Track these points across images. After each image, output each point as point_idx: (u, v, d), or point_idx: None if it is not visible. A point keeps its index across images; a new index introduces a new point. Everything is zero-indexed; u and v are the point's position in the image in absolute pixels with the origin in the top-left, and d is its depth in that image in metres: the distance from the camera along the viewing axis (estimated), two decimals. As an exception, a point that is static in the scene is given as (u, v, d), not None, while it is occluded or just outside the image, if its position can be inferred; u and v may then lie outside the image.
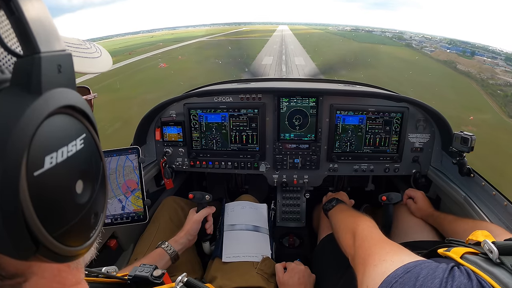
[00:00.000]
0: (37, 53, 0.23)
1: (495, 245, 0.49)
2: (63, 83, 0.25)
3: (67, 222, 0.25)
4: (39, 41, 0.23)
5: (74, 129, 0.26)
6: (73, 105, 0.26)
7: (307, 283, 1.16)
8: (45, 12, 0.25)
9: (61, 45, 0.26)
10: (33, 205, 0.21)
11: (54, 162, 0.23)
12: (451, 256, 0.54)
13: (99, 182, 0.29)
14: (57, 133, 0.24)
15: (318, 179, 1.63)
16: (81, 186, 0.26)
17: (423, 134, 1.50)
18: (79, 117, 0.27)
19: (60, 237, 0.24)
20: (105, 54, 0.51)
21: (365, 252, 0.67)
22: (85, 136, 0.28)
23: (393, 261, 0.54)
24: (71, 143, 0.25)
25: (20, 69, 0.23)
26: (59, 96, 0.24)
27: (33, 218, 0.21)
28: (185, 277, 0.58)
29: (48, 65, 0.24)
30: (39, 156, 0.22)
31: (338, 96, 1.49)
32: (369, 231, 0.78)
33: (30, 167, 0.21)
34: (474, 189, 1.25)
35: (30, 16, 0.23)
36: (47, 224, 0.23)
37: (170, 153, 1.60)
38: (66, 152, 0.25)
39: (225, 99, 1.51)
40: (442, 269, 0.47)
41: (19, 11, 0.23)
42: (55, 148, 0.24)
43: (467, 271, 0.47)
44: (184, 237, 1.18)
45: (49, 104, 0.23)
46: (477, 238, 0.56)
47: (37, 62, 0.23)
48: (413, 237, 1.21)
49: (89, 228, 0.28)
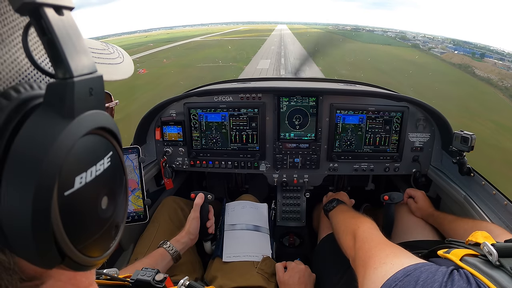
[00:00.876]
0: (70, 78, 0.23)
1: (494, 247, 0.49)
2: (94, 105, 0.26)
3: (91, 236, 0.26)
4: (72, 65, 0.23)
5: (102, 148, 0.27)
6: (102, 126, 0.27)
7: (308, 282, 1.16)
8: (76, 32, 0.25)
9: (91, 66, 0.26)
10: (62, 222, 0.22)
11: (84, 182, 0.24)
12: (451, 258, 0.54)
13: (122, 196, 0.31)
14: (87, 154, 0.25)
15: (318, 178, 1.63)
16: (106, 202, 0.28)
17: (423, 133, 1.50)
18: (107, 136, 0.28)
19: (84, 249, 0.25)
20: (127, 59, 0.50)
21: (366, 254, 0.67)
22: (112, 153, 0.28)
23: (393, 264, 0.54)
24: (99, 162, 0.26)
25: (53, 92, 0.23)
26: (90, 119, 0.25)
27: (61, 234, 0.23)
28: (187, 281, 0.58)
29: (80, 89, 0.24)
30: (70, 177, 0.23)
31: (338, 95, 1.49)
32: (370, 233, 0.78)
33: (61, 187, 0.22)
34: (474, 189, 1.25)
35: (63, 38, 0.23)
36: (73, 239, 0.24)
37: (170, 153, 1.60)
38: (95, 171, 0.26)
39: (225, 98, 1.51)
40: (441, 272, 0.47)
41: (51, 32, 0.22)
42: (85, 168, 0.25)
43: (466, 274, 0.47)
44: (185, 236, 1.18)
45: (80, 128, 0.24)
46: (476, 239, 0.56)
47: (70, 87, 0.23)
48: (413, 237, 1.21)
49: (110, 239, 0.29)
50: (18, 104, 0.23)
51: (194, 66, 21.35)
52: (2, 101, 0.23)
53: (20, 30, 0.25)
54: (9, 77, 0.24)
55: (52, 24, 0.22)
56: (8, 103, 0.23)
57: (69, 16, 0.25)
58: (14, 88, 0.24)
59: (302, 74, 8.11)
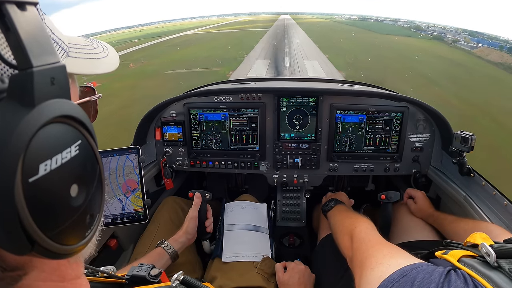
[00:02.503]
0: (29, 67, 0.24)
1: (492, 248, 0.48)
2: (57, 94, 0.26)
3: (61, 223, 0.26)
4: (32, 56, 0.24)
5: (68, 136, 0.28)
6: (66, 114, 0.27)
7: (307, 283, 1.16)
8: (39, 25, 0.26)
9: (53, 57, 0.27)
10: (28, 208, 0.23)
11: (49, 169, 0.25)
12: (448, 259, 0.54)
13: (94, 185, 0.31)
14: (51, 141, 0.26)
15: (318, 178, 1.63)
16: (76, 190, 0.28)
17: (423, 133, 1.50)
18: (74, 124, 0.28)
19: (55, 236, 0.26)
20: (112, 53, 0.51)
21: (363, 255, 0.66)
22: (81, 142, 0.29)
23: (390, 265, 0.53)
24: (65, 150, 0.27)
25: (14, 83, 0.24)
26: (51, 108, 0.26)
27: (28, 220, 0.23)
28: (181, 275, 0.58)
29: (40, 78, 0.25)
30: (34, 164, 0.24)
31: (338, 95, 1.49)
32: (367, 233, 0.78)
33: (25, 174, 0.23)
34: (474, 189, 1.25)
35: (24, 32, 0.24)
36: (42, 225, 0.24)
37: (170, 153, 1.60)
38: (61, 159, 0.26)
39: (225, 98, 1.51)
40: (438, 273, 0.47)
41: (13, 26, 0.24)
42: (49, 156, 0.25)
43: (463, 275, 0.47)
44: (183, 236, 1.18)
45: (41, 116, 0.24)
46: (475, 241, 0.55)
47: (29, 77, 0.24)
48: (413, 237, 1.21)
49: (84, 228, 0.29)
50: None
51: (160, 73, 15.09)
52: None
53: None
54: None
55: (13, 20, 0.24)
56: None
57: (32, 11, 0.26)
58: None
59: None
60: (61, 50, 0.39)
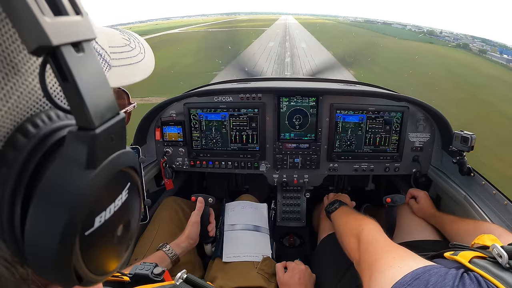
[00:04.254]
0: (91, 129, 0.22)
1: (504, 249, 0.48)
2: (115, 149, 0.25)
3: (107, 259, 0.28)
4: (93, 115, 0.22)
5: (121, 184, 0.27)
6: (123, 167, 0.27)
7: (308, 283, 1.16)
8: (98, 69, 0.24)
9: (113, 108, 0.25)
10: (81, 256, 0.24)
11: (103, 220, 0.25)
12: (459, 260, 0.53)
13: (136, 219, 0.31)
14: (107, 194, 0.25)
15: (318, 178, 1.63)
16: (121, 229, 0.28)
17: (423, 133, 1.50)
18: (127, 170, 0.28)
19: (100, 270, 0.27)
20: (148, 54, 0.47)
21: (371, 257, 0.66)
22: (130, 185, 0.29)
23: (401, 267, 0.53)
24: (118, 198, 0.27)
25: (74, 142, 0.22)
26: (111, 165, 0.25)
27: (81, 266, 0.24)
28: (185, 274, 0.58)
29: (102, 139, 0.23)
30: (91, 219, 0.24)
31: (338, 95, 1.49)
32: (374, 235, 0.77)
33: (82, 229, 0.23)
34: (474, 189, 1.25)
35: (83, 82, 0.21)
36: (91, 266, 0.25)
37: (170, 153, 1.60)
38: (114, 208, 0.26)
39: (225, 98, 1.51)
40: (451, 276, 0.47)
41: (71, 77, 0.21)
42: (104, 208, 0.25)
43: (476, 278, 0.46)
44: (185, 241, 1.18)
45: (101, 176, 0.24)
46: (484, 242, 0.55)
47: (92, 139, 0.22)
48: (414, 237, 1.21)
49: (121, 257, 0.30)
50: (37, 142, 0.23)
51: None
52: (20, 138, 0.22)
53: (34, 57, 0.24)
54: (26, 108, 0.23)
55: (71, 69, 0.21)
56: (27, 141, 0.22)
57: (89, 50, 0.23)
58: (32, 122, 0.23)
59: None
60: (104, 63, 0.36)
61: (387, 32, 47.91)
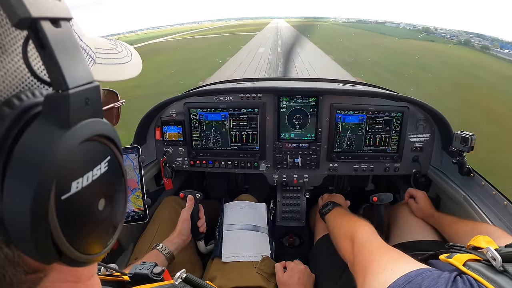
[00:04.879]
0: (65, 89, 0.24)
1: (498, 252, 0.48)
2: (90, 114, 0.27)
3: (88, 235, 0.28)
4: (67, 77, 0.24)
5: (99, 154, 0.28)
6: (98, 134, 0.28)
7: (307, 282, 1.16)
8: (74, 43, 0.26)
9: (88, 76, 0.27)
10: (59, 223, 0.24)
11: (80, 187, 0.26)
12: (453, 263, 0.53)
13: (120, 197, 0.32)
14: (83, 160, 0.26)
15: (318, 178, 1.63)
16: (103, 204, 0.29)
17: (423, 133, 1.50)
18: (105, 141, 0.29)
19: (81, 247, 0.27)
20: (135, 57, 0.50)
21: (365, 260, 0.66)
22: (110, 158, 0.29)
23: (393, 270, 0.53)
24: (96, 168, 0.27)
25: (50, 103, 0.24)
26: (86, 128, 0.26)
27: (58, 234, 0.24)
28: (184, 273, 0.59)
29: (76, 100, 0.25)
30: (67, 182, 0.24)
31: (338, 95, 1.49)
32: (368, 237, 0.77)
33: (58, 192, 0.24)
34: (474, 189, 1.25)
35: (59, 51, 0.24)
36: (70, 238, 0.25)
37: (170, 153, 1.60)
38: (91, 176, 0.27)
39: (225, 98, 1.51)
40: (444, 279, 0.47)
41: (48, 46, 0.23)
42: (81, 174, 0.26)
43: (469, 281, 0.46)
44: (177, 237, 1.19)
45: (75, 137, 0.25)
46: (479, 244, 0.55)
47: (66, 99, 0.24)
48: (413, 237, 1.21)
49: (107, 238, 0.31)
50: (20, 112, 0.24)
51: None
52: (5, 109, 0.24)
53: (21, 40, 0.26)
54: (12, 85, 0.25)
55: (48, 38, 0.23)
56: (10, 112, 0.24)
57: (66, 27, 0.25)
58: (17, 96, 0.25)
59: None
60: (88, 57, 0.39)
61: (386, 32, 45.01)
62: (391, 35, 39.09)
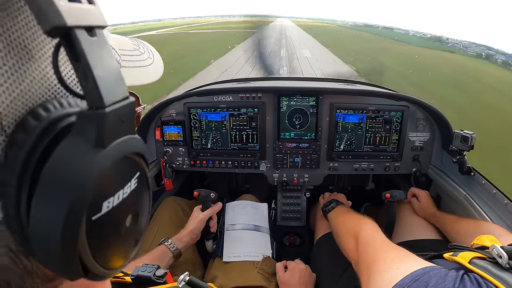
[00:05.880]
0: (101, 108, 0.22)
1: (504, 249, 0.48)
2: (124, 132, 0.25)
3: (114, 252, 0.27)
4: (104, 94, 0.22)
5: (130, 171, 0.27)
6: (132, 152, 0.26)
7: (308, 282, 1.16)
8: (109, 54, 0.24)
9: (123, 92, 0.25)
10: (88, 244, 0.23)
11: (111, 206, 0.25)
12: (459, 261, 0.53)
13: (145, 211, 0.31)
14: (115, 178, 0.25)
15: (318, 178, 1.63)
16: (130, 220, 0.28)
17: (423, 132, 1.50)
18: (136, 158, 0.28)
19: (106, 263, 0.26)
20: (157, 59, 0.48)
21: (369, 258, 0.65)
22: (139, 174, 0.28)
23: (399, 269, 0.52)
24: (126, 185, 0.26)
25: (84, 120, 0.22)
26: (120, 148, 0.25)
27: (87, 254, 0.24)
28: (187, 276, 0.58)
29: (112, 119, 0.23)
30: (98, 203, 0.23)
31: (338, 95, 1.49)
32: (372, 235, 0.76)
33: (89, 213, 0.23)
34: (474, 188, 1.25)
35: (95, 64, 0.22)
36: (98, 256, 0.25)
37: (170, 153, 1.60)
38: (122, 195, 0.26)
39: (225, 98, 1.51)
40: (452, 277, 0.46)
41: (83, 58, 0.21)
42: (113, 193, 0.25)
43: (477, 279, 0.46)
44: (187, 235, 1.18)
45: (110, 157, 0.23)
46: (483, 243, 0.55)
47: (101, 119, 0.22)
48: (415, 236, 1.21)
49: (131, 251, 0.30)
50: (47, 124, 0.23)
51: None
52: (31, 121, 0.23)
53: (49, 44, 0.25)
54: (38, 94, 0.24)
55: (84, 50, 0.21)
56: (37, 124, 0.23)
57: (101, 36, 0.24)
58: (43, 107, 0.23)
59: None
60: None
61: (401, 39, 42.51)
62: (406, 42, 37.28)
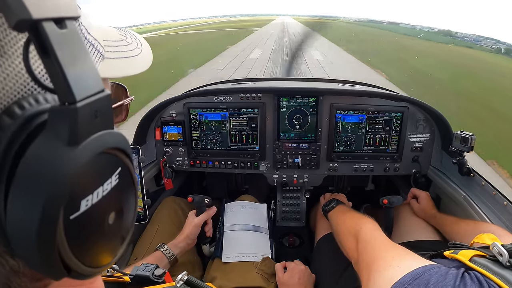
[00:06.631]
0: (72, 102, 0.21)
1: (504, 247, 0.48)
2: (100, 127, 0.24)
3: (97, 250, 0.26)
4: (75, 89, 0.21)
5: (110, 167, 0.26)
6: (109, 147, 0.25)
7: (307, 283, 1.16)
8: (81, 46, 0.23)
9: (97, 85, 0.24)
10: (68, 243, 0.23)
11: (90, 204, 0.24)
12: (460, 258, 0.53)
13: (131, 208, 0.30)
14: (93, 176, 0.24)
15: (318, 178, 1.63)
16: (113, 217, 0.27)
17: (423, 133, 1.50)
18: (115, 152, 0.27)
19: (91, 262, 0.26)
20: (145, 49, 0.47)
21: (370, 257, 0.65)
22: (120, 169, 0.27)
23: (400, 267, 0.52)
24: (106, 182, 0.25)
25: (55, 117, 0.22)
26: (95, 143, 0.24)
27: (67, 254, 0.23)
28: (185, 276, 0.58)
29: (84, 113, 0.22)
30: (76, 202, 0.23)
31: (338, 95, 1.49)
32: (373, 234, 0.76)
33: (66, 212, 0.22)
34: (474, 189, 1.25)
35: (65, 57, 0.21)
36: (80, 255, 0.24)
37: (170, 153, 1.60)
38: (102, 192, 0.25)
39: (225, 98, 1.51)
40: (452, 275, 0.46)
41: (52, 52, 0.21)
42: (91, 191, 0.24)
43: (477, 277, 0.46)
44: (183, 241, 1.18)
45: (84, 154, 0.23)
46: (483, 241, 0.55)
47: (73, 113, 0.21)
48: (415, 237, 1.21)
49: (117, 249, 0.29)
50: (22, 122, 0.22)
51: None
52: (6, 119, 0.22)
53: (22, 39, 0.24)
54: (13, 91, 0.23)
55: (52, 43, 0.20)
56: (12, 122, 0.22)
57: (72, 28, 0.23)
58: (18, 104, 0.23)
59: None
60: (97, 53, 0.36)
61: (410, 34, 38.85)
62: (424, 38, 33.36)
